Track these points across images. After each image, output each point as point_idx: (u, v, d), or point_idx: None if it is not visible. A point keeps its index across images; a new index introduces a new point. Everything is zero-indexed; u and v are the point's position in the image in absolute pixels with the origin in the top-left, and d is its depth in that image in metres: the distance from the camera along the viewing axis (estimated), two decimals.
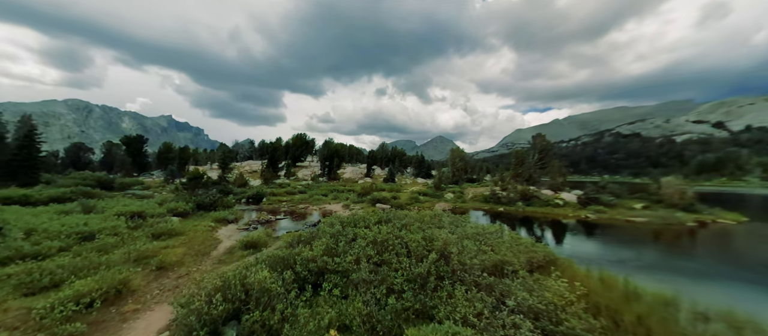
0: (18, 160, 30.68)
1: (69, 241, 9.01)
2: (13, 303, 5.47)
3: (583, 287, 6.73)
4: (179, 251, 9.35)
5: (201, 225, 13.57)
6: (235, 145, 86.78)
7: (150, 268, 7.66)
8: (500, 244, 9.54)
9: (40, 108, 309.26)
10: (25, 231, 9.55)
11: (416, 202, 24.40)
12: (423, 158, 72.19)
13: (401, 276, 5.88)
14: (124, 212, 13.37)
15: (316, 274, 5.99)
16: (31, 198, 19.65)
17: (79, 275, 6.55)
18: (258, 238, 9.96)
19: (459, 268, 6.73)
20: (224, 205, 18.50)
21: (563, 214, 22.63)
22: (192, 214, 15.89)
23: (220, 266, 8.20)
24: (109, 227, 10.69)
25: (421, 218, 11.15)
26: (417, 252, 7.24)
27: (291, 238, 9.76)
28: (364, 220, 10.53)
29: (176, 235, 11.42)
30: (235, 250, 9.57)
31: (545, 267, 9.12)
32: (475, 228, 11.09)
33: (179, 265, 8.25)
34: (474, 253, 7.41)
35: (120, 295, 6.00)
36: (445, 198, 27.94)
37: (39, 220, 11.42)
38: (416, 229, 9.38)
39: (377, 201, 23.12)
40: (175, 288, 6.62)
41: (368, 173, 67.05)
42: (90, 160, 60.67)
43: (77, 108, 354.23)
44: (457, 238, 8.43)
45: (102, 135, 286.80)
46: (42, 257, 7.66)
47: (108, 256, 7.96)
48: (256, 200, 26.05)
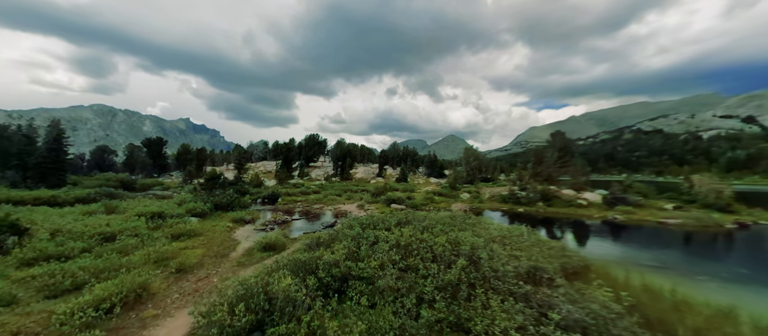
0: (47, 163, 32.10)
1: (91, 242, 9.06)
2: (36, 306, 5.40)
3: (630, 297, 6.12)
4: (198, 252, 9.26)
5: (219, 225, 13.56)
6: (250, 146, 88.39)
7: (169, 271, 7.55)
8: (528, 247, 8.97)
9: (68, 113, 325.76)
10: (50, 231, 9.71)
11: (431, 203, 23.85)
12: (435, 157, 71.25)
13: (431, 283, 5.46)
14: (145, 213, 13.52)
15: (340, 280, 5.65)
16: (58, 199, 20.36)
17: (99, 278, 6.48)
18: (276, 239, 9.76)
19: (491, 274, 6.24)
20: (241, 206, 18.57)
21: (587, 215, 21.56)
22: (210, 214, 15.97)
23: (240, 269, 8.02)
24: (130, 228, 10.76)
25: (443, 220, 10.67)
26: (443, 256, 6.80)
27: (309, 240, 9.51)
28: (383, 221, 10.16)
29: (195, 236, 11.39)
30: (253, 252, 9.40)
31: (581, 273, 8.49)
32: (499, 230, 10.53)
33: (199, 267, 8.12)
34: (505, 259, 6.90)
35: (140, 299, 5.86)
36: (461, 198, 27.24)
37: (64, 221, 11.66)
38: (439, 231, 8.93)
39: (392, 201, 22.72)
40: (195, 292, 6.44)
41: (380, 173, 66.74)
42: (114, 162, 63.09)
43: (102, 113, 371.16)
44: (485, 242, 7.93)
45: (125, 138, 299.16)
46: (65, 258, 7.68)
47: (128, 258, 7.91)
48: (271, 200, 26.17)
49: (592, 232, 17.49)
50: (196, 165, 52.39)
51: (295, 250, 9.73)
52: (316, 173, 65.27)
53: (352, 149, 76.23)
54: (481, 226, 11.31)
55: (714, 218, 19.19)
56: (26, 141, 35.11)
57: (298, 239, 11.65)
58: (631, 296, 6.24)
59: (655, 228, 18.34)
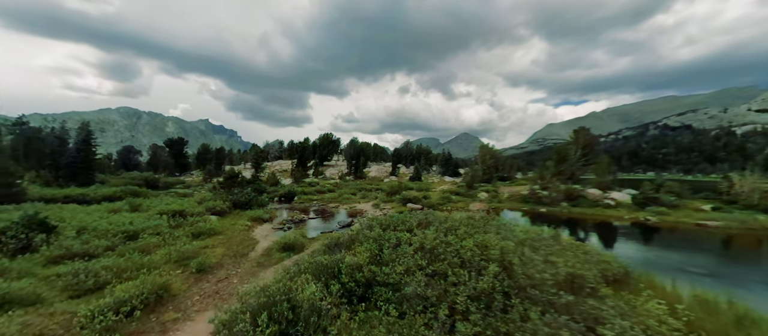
0: (77, 163, 33.71)
1: (115, 240, 9.16)
2: (60, 305, 5.37)
3: (687, 311, 5.46)
4: (218, 252, 9.20)
5: (238, 224, 13.58)
6: (266, 146, 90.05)
7: (190, 271, 7.47)
8: (560, 252, 8.34)
9: (97, 116, 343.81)
10: (77, 229, 9.91)
11: (448, 202, 23.23)
12: (450, 155, 70.08)
13: (463, 292, 5.03)
14: (167, 211, 13.74)
15: (364, 286, 5.32)
16: (86, 196, 21.20)
17: (121, 277, 6.45)
18: (294, 240, 9.57)
19: (527, 282, 5.74)
20: (259, 204, 18.66)
21: (617, 216, 20.35)
22: (229, 212, 16.09)
23: (259, 270, 7.85)
24: (152, 226, 10.87)
25: (465, 221, 10.16)
26: (473, 262, 6.34)
27: (328, 241, 9.25)
28: (403, 222, 9.76)
29: (215, 235, 11.40)
30: (272, 252, 9.24)
31: (622, 281, 7.80)
32: (525, 232, 9.92)
33: (218, 267, 8.02)
34: (541, 265, 6.36)
35: (160, 301, 5.75)
36: (479, 198, 26.43)
37: (91, 219, 11.96)
38: (463, 233, 8.45)
39: (408, 200, 22.28)
40: (216, 294, 6.29)
41: (393, 171, 66.35)
42: (138, 161, 65.79)
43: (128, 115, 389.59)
44: (515, 246, 7.39)
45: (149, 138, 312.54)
46: (90, 257, 7.76)
47: (150, 257, 7.90)
48: (287, 199, 26.32)
49: (624, 235, 16.44)
50: (215, 164, 53.78)
51: (313, 250, 9.50)
52: (330, 172, 65.64)
53: (366, 148, 76.20)
54: (506, 227, 10.72)
55: (760, 220, 17.65)
56: (58, 142, 36.97)
57: (316, 239, 11.45)
58: (687, 309, 5.58)
59: (693, 231, 17.05)
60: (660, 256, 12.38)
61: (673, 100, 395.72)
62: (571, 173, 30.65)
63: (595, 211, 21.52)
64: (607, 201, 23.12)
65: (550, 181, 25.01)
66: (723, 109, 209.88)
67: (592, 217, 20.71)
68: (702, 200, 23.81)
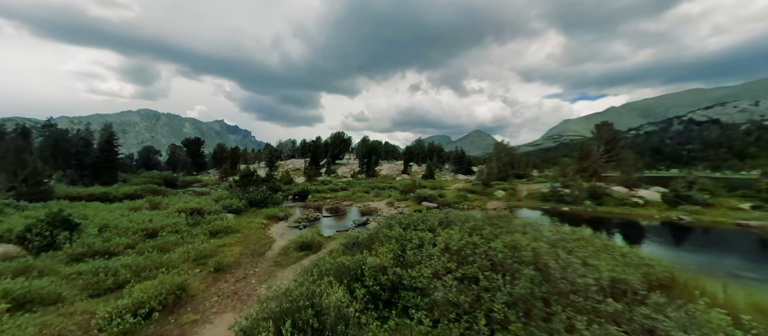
0: (101, 162, 35.01)
1: (135, 238, 9.18)
2: (80, 305, 5.29)
3: (755, 323, 4.83)
4: (236, 250, 9.07)
5: (254, 222, 13.53)
6: (279, 145, 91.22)
7: (208, 270, 7.33)
8: (594, 253, 7.73)
9: (119, 118, 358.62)
10: (99, 227, 10.01)
11: (464, 200, 22.61)
12: (463, 153, 68.87)
13: (499, 299, 4.59)
14: (185, 209, 13.80)
15: (390, 290, 4.96)
16: (109, 194, 21.84)
17: (141, 276, 6.36)
18: (312, 239, 9.34)
19: (568, 288, 5.24)
20: (274, 202, 18.67)
21: (646, 215, 19.23)
22: (245, 210, 16.12)
23: (277, 269, 7.64)
24: (171, 224, 10.89)
25: (489, 220, 9.64)
26: (505, 264, 5.88)
27: (346, 240, 8.95)
28: (423, 221, 9.35)
29: (232, 233, 11.34)
30: (289, 251, 9.04)
31: (669, 287, 7.15)
32: (555, 232, 9.31)
33: (236, 266, 7.86)
34: (581, 268, 5.82)
35: (179, 301, 5.59)
36: (496, 196, 25.64)
37: (112, 216, 12.14)
38: (489, 233, 7.97)
39: (423, 199, 21.80)
40: (234, 294, 6.10)
41: (405, 169, 65.74)
42: (158, 161, 67.92)
43: (148, 116, 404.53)
44: (549, 247, 6.86)
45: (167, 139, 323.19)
46: (110, 255, 7.75)
47: (168, 256, 7.82)
48: (301, 197, 26.34)
49: (655, 236, 15.45)
50: (230, 163, 54.81)
51: (331, 250, 9.23)
52: (342, 170, 65.76)
53: (377, 146, 75.93)
54: (532, 227, 10.13)
55: None
56: (83, 143, 38.43)
57: (332, 238, 11.19)
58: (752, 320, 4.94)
59: (732, 231, 15.85)
60: (701, 259, 11.47)
61: (698, 93, 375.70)
62: (594, 170, 29.35)
63: (622, 209, 20.42)
64: (635, 199, 21.92)
65: (573, 179, 23.96)
66: (754, 102, 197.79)
67: (618, 216, 19.65)
68: (738, 198, 22.23)
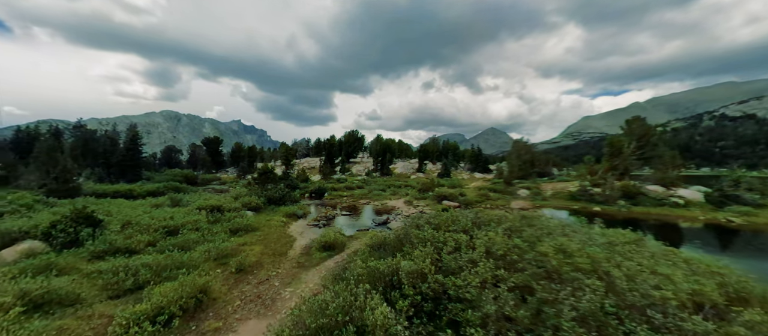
0: (126, 161, 36.26)
1: (156, 236, 9.00)
2: (98, 307, 4.99)
3: None
4: (257, 250, 8.71)
5: (273, 220, 13.25)
6: (294, 144, 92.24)
7: (229, 270, 6.97)
8: (650, 259, 6.81)
9: (143, 119, 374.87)
10: (122, 223, 9.93)
11: (487, 200, 21.65)
12: (480, 151, 67.16)
13: (567, 314, 3.89)
14: (205, 206, 13.71)
15: (433, 300, 4.35)
16: (133, 192, 22.33)
17: (161, 276, 6.05)
18: (335, 239, 8.85)
19: (641, 302, 4.46)
20: (291, 200, 18.43)
21: (690, 217, 17.68)
22: (264, 208, 15.92)
23: (300, 271, 7.19)
24: (191, 221, 10.71)
25: (529, 221, 8.84)
26: (561, 273, 5.13)
27: (371, 241, 8.40)
28: (454, 221, 8.66)
29: (252, 231, 11.05)
30: (312, 251, 8.59)
31: (747, 300, 6.18)
32: (602, 235, 8.40)
33: (258, 266, 7.47)
34: (652, 279, 5.00)
35: (200, 306, 5.20)
36: (519, 195, 24.47)
37: (135, 213, 12.13)
38: (531, 236, 7.20)
39: (443, 197, 21.01)
40: (257, 298, 5.67)
41: (420, 168, 64.76)
42: (179, 159, 70.11)
43: (170, 117, 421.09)
44: (606, 253, 6.04)
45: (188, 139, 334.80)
46: (131, 252, 7.54)
47: (189, 254, 7.53)
48: (318, 195, 26.14)
49: (700, 239, 14.05)
50: (247, 161, 55.71)
51: (355, 251, 8.71)
52: (356, 169, 65.59)
53: (391, 144, 75.31)
54: (572, 228, 9.24)
55: None
56: (110, 143, 39.91)
57: (354, 238, 10.69)
58: None
59: None
60: (765, 267, 10.18)
61: (731, 87, 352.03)
62: (624, 168, 27.58)
63: (660, 210, 18.89)
64: (674, 199, 20.28)
65: (603, 177, 22.49)
66: None
67: (657, 217, 18.16)
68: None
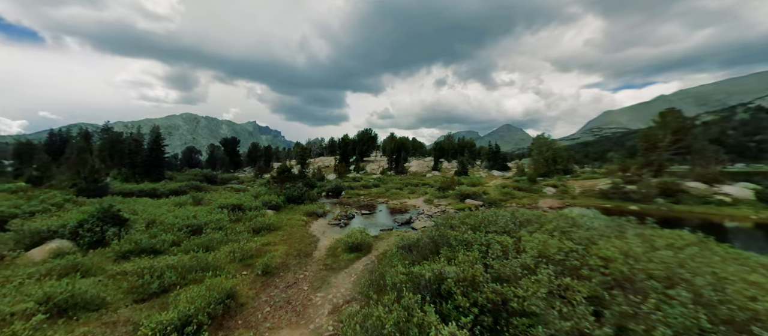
0: (150, 161, 37.48)
1: (180, 235, 8.84)
2: (123, 312, 4.73)
3: None
4: (281, 250, 8.39)
5: (294, 219, 12.99)
6: (308, 143, 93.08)
7: (255, 272, 6.63)
8: (720, 264, 5.93)
9: (165, 122, 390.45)
10: (147, 222, 9.86)
11: (511, 198, 20.68)
12: (498, 148, 65.28)
13: (659, 332, 3.23)
14: (226, 204, 13.70)
15: (491, 313, 3.78)
16: (157, 190, 22.79)
17: (186, 278, 5.77)
18: (362, 240, 8.38)
19: (739, 316, 3.72)
20: (310, 198, 18.21)
21: (739, 216, 16.16)
22: (283, 206, 15.75)
23: (329, 273, 6.77)
24: (214, 220, 10.56)
25: (573, 220, 8.06)
26: (634, 281, 4.43)
27: (401, 241, 7.88)
28: (491, 222, 8.00)
29: (274, 230, 10.80)
30: (338, 252, 8.17)
31: None
32: (664, 237, 7.52)
33: (284, 268, 7.10)
34: (747, 288, 4.22)
35: (228, 312, 4.84)
36: (546, 193, 23.32)
37: (159, 212, 12.13)
38: (582, 238, 6.46)
39: (465, 196, 20.22)
40: (287, 304, 5.27)
41: (436, 166, 63.68)
42: (199, 160, 72.27)
43: (189, 120, 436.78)
44: (680, 257, 5.26)
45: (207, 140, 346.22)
46: (156, 252, 7.36)
47: (214, 254, 7.26)
48: (335, 193, 25.90)
49: (752, 241, 12.68)
50: (264, 160, 56.48)
51: (383, 252, 8.22)
52: (370, 167, 65.32)
53: (405, 142, 74.54)
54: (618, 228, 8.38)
55: None
56: (135, 144, 41.31)
57: (380, 238, 10.20)
58: None
59: None
60: None
61: None
62: (659, 164, 25.80)
63: (705, 209, 17.38)
64: (719, 197, 18.65)
65: (638, 174, 21.03)
66: None
67: (701, 216, 16.70)
68: None
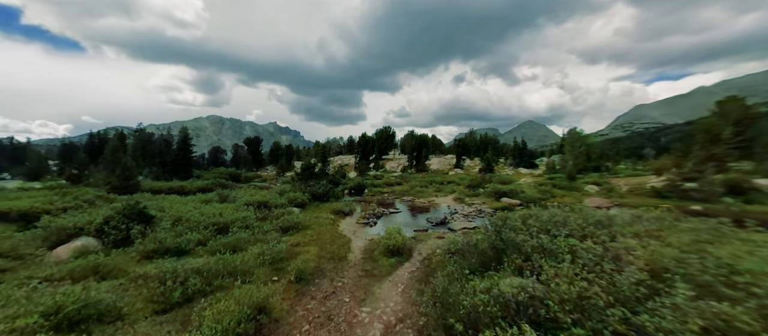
0: (178, 161, 38.72)
1: (206, 234, 8.27)
2: (142, 326, 4.04)
3: None
4: (312, 252, 7.57)
5: (321, 217, 12.26)
6: (327, 142, 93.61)
7: (288, 278, 5.82)
8: None
9: (193, 123, 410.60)
10: (173, 220, 9.41)
11: (552, 197, 18.93)
12: (524, 144, 62.13)
13: None
14: (252, 202, 13.28)
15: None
16: (185, 188, 23.14)
17: (212, 285, 5.04)
18: (402, 243, 7.37)
19: None
20: (335, 196, 17.54)
21: None
22: (309, 204, 15.14)
23: (370, 281, 5.84)
24: (241, 218, 9.98)
25: (661, 223, 6.64)
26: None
27: (447, 245, 6.82)
28: (562, 223, 6.75)
29: (303, 229, 10.08)
30: (375, 256, 7.24)
31: None
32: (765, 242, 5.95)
33: (319, 274, 6.25)
34: None
35: (260, 329, 4.02)
36: (587, 191, 21.27)
37: (186, 209, 11.79)
38: (691, 244, 5.11)
39: (501, 194, 18.72)
40: (328, 320, 4.39)
41: (458, 163, 61.59)
42: (224, 159, 74.54)
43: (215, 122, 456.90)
44: None
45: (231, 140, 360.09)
46: (180, 253, 6.76)
47: (241, 256, 6.54)
48: (358, 191, 25.21)
49: None
50: (285, 159, 57.11)
51: (426, 257, 7.19)
52: (390, 165, 64.36)
53: (426, 140, 72.82)
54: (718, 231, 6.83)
55: None
56: (165, 145, 42.84)
57: (417, 239, 9.16)
58: None
59: None
60: None
61: None
62: (720, 159, 22.91)
63: None
64: None
65: (699, 169, 18.60)
66: None
67: None
68: None
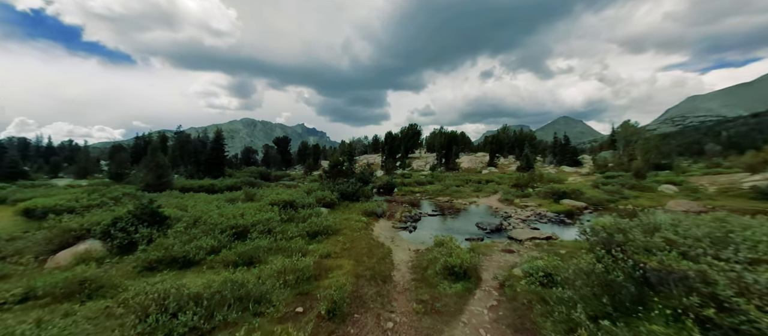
0: (212, 160, 39.82)
1: (222, 238, 6.98)
2: None
3: None
4: (346, 267, 5.94)
5: (352, 219, 10.68)
6: (352, 142, 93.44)
7: (316, 310, 4.20)
8: None
9: (228, 126, 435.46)
10: (189, 222, 8.29)
11: (622, 198, 15.88)
12: (567, 140, 56.74)
13: None
14: (277, 201, 12.06)
15: None
16: (215, 186, 22.94)
17: (214, 320, 3.55)
18: (470, 263, 5.42)
19: None
20: (364, 195, 16.00)
21: None
22: (338, 204, 13.71)
23: (433, 320, 4.02)
24: (263, 220, 8.66)
25: None
26: None
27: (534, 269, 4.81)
28: (726, 240, 4.50)
29: (332, 234, 8.53)
30: (430, 277, 5.42)
31: None
32: None
33: (358, 303, 4.56)
34: None
35: None
36: (662, 191, 17.80)
37: (208, 208, 10.81)
38: None
39: (559, 195, 15.99)
40: None
41: (491, 161, 57.75)
42: (255, 159, 77.02)
43: (247, 124, 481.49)
44: None
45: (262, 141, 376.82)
46: (187, 263, 5.44)
47: (259, 271, 5.05)
48: (387, 190, 23.58)
49: None
50: (313, 158, 57.16)
51: (503, 282, 5.23)
52: (416, 164, 62.09)
53: (456, 137, 69.31)
54: None
55: None
56: (200, 145, 44.31)
57: (474, 251, 7.18)
58: None
59: None
60: None
61: None
62: None
63: None
64: None
65: None
66: None
67: None
68: None
